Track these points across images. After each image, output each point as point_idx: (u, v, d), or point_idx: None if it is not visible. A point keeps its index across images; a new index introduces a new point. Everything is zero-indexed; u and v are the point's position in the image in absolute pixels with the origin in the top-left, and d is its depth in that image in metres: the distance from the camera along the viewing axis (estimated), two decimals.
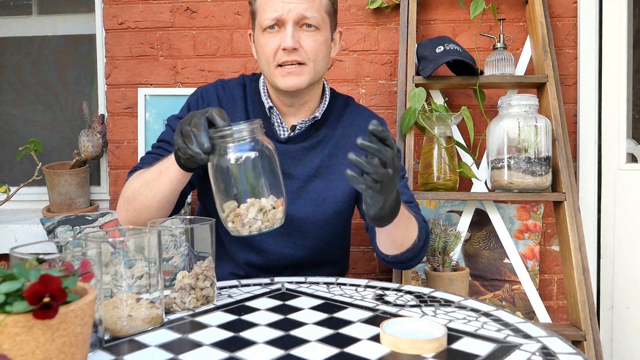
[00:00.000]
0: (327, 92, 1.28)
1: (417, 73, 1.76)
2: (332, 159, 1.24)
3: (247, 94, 1.26)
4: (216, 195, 0.86)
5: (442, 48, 1.69)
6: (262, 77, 1.26)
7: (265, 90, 1.24)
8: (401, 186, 1.26)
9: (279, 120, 1.22)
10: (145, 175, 1.09)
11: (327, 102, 1.26)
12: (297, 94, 1.19)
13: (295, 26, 1.12)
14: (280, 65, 1.14)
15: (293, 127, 1.22)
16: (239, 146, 0.83)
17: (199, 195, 1.33)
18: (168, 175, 1.03)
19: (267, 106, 1.22)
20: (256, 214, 0.81)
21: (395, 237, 1.09)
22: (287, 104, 1.22)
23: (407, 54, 1.80)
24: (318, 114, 1.23)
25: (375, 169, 0.82)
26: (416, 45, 1.79)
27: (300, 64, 1.14)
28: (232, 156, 0.83)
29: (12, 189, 1.97)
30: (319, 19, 1.15)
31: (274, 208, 0.84)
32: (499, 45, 1.79)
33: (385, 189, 0.86)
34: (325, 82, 1.29)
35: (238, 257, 1.26)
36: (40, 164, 1.94)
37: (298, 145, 1.23)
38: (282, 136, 1.23)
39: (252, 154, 0.83)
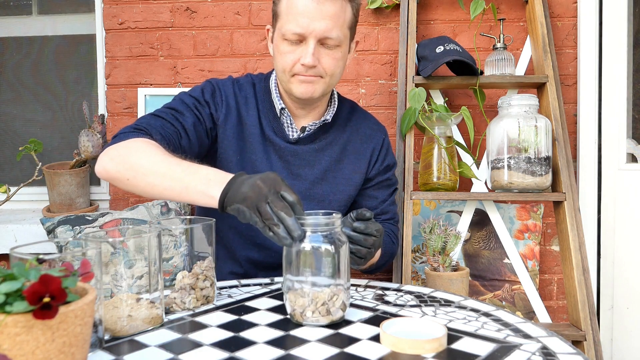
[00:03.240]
0: (336, 96, 1.31)
1: (417, 73, 1.76)
2: (339, 163, 1.27)
3: (257, 93, 1.26)
4: (286, 269, 0.84)
5: (442, 48, 1.69)
6: (273, 77, 1.26)
7: (278, 91, 1.25)
8: (388, 203, 1.34)
9: (289, 121, 1.23)
10: (164, 168, 0.97)
11: (336, 106, 1.28)
12: (310, 101, 1.20)
13: (317, 43, 1.12)
14: (295, 75, 1.16)
15: (303, 129, 1.24)
16: (315, 237, 0.82)
17: None
18: (194, 198, 0.94)
19: (279, 107, 1.23)
20: (315, 310, 0.81)
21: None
22: (298, 107, 1.24)
23: (407, 54, 1.80)
24: (329, 117, 1.25)
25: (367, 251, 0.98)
26: (416, 45, 1.79)
27: (317, 77, 1.15)
28: (306, 244, 0.81)
29: (12, 189, 1.97)
30: (341, 37, 1.15)
31: (332, 298, 0.83)
32: (499, 45, 1.79)
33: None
34: None
35: (239, 254, 1.27)
36: (40, 164, 1.94)
37: (307, 147, 1.25)
38: (291, 137, 1.24)
39: (325, 246, 0.81)
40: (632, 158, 1.92)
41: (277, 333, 0.78)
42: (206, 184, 0.93)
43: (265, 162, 1.23)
